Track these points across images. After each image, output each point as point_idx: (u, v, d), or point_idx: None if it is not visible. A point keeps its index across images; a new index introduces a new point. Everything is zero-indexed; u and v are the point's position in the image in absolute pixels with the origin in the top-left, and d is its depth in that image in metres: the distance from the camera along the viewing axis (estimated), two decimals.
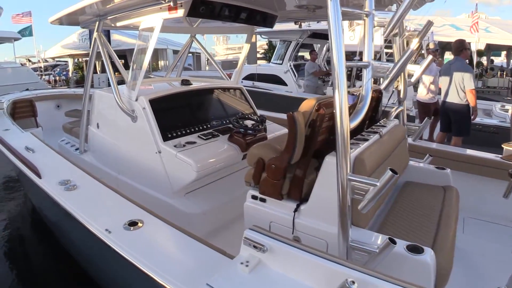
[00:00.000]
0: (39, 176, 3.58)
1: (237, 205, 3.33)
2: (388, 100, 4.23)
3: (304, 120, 2.69)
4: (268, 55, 28.15)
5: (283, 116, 4.18)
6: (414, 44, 3.00)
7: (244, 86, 5.51)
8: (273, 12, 4.46)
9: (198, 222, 3.72)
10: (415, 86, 14.26)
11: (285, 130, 4.63)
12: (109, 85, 4.35)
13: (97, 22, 4.60)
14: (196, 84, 4.89)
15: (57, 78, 29.58)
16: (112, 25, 4.99)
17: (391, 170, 1.97)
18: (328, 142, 2.91)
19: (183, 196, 3.88)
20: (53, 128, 7.25)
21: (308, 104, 2.78)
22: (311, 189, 2.72)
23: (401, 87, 4.10)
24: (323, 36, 12.79)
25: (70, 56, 29.62)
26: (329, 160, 2.57)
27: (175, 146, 3.78)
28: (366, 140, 3.05)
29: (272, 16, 4.51)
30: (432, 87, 8.18)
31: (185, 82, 4.82)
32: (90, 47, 5.11)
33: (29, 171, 3.78)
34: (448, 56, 23.13)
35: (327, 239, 2.58)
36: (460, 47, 6.93)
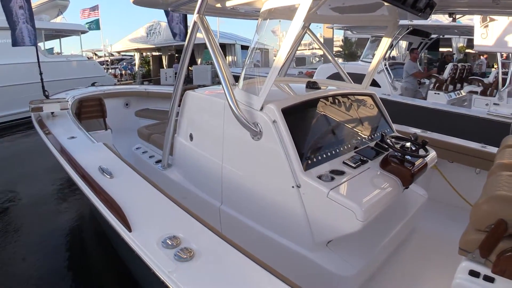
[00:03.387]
0: (128, 227, 2.37)
1: (388, 251, 3.03)
2: None
3: None
4: (344, 52, 26.80)
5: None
6: None
7: None
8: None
9: (349, 286, 2.74)
10: None
11: (433, 153, 3.59)
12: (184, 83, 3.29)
13: (200, 0, 3.45)
14: (326, 89, 3.85)
15: (123, 72, 29.80)
16: (218, 5, 3.94)
17: None
18: None
19: (326, 247, 2.86)
20: (122, 129, 6.47)
21: None
22: None
23: None
24: (423, 33, 11.46)
25: (137, 50, 29.92)
26: None
27: (320, 177, 2.74)
28: None
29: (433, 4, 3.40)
30: None
31: (312, 85, 3.76)
32: (186, 36, 4.02)
33: (112, 216, 2.56)
34: None
35: None
36: None
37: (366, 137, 3.59)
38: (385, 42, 4.15)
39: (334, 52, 26.78)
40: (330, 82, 4.61)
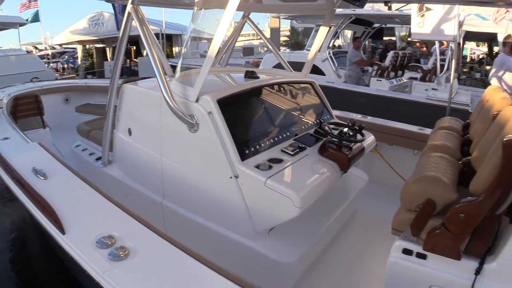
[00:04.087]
0: (61, 229, 2.30)
1: (331, 235, 3.10)
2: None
3: None
4: (291, 42, 26.98)
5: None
6: None
7: None
8: None
9: (292, 272, 2.80)
10: (460, 78, 13.45)
11: (371, 137, 3.70)
12: (125, 75, 3.20)
13: None
14: (265, 78, 3.86)
15: (66, 65, 28.71)
16: None
17: None
18: None
19: (268, 235, 2.88)
20: (62, 126, 6.16)
21: None
22: (495, 241, 2.17)
23: None
24: (366, 22, 11.72)
25: (79, 42, 28.76)
26: None
27: (257, 167, 2.75)
28: None
29: None
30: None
31: (251, 75, 3.77)
32: (118, 27, 3.90)
33: (45, 219, 2.47)
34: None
35: None
36: None
37: (306, 124, 3.64)
38: (323, 31, 4.21)
39: (281, 42, 26.92)
40: (270, 71, 4.64)
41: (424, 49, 15.37)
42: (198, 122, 2.93)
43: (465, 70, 16.44)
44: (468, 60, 22.32)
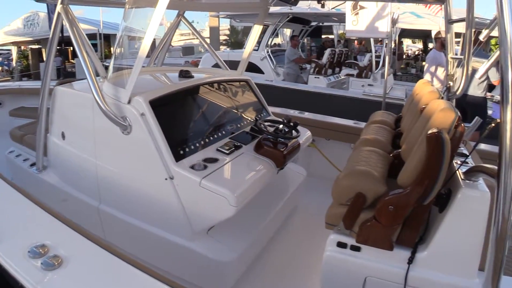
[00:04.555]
0: None
1: (271, 231, 3.11)
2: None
3: None
4: (230, 41, 27.01)
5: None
6: None
7: None
8: None
9: (232, 270, 2.80)
10: (396, 74, 13.96)
11: (307, 133, 3.74)
12: (61, 77, 3.06)
13: None
14: (199, 77, 3.81)
15: (0, 68, 27.38)
16: None
17: None
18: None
19: (206, 235, 2.84)
20: None
21: (446, 117, 2.18)
22: (426, 231, 2.26)
23: (461, 82, 3.52)
24: (303, 21, 11.92)
25: (14, 43, 27.47)
26: (470, 194, 2.08)
27: (192, 167, 2.70)
28: None
29: None
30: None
31: (185, 74, 3.70)
32: (50, 27, 3.76)
33: None
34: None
35: None
36: None
37: (242, 122, 3.63)
38: (257, 29, 4.22)
39: (221, 41, 26.91)
40: (205, 70, 4.60)
41: (358, 45, 15.81)
42: (131, 124, 2.83)
43: (401, 66, 17.08)
44: (404, 56, 23.24)
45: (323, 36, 18.18)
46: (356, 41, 16.64)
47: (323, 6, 4.68)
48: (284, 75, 11.10)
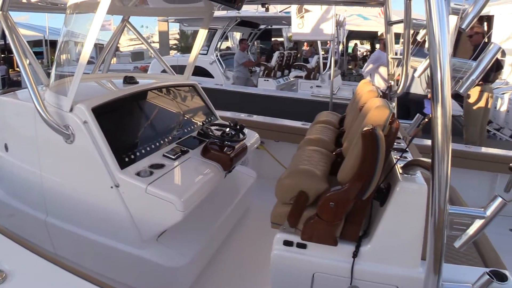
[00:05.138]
0: None
1: (223, 235, 3.13)
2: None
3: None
4: (181, 45, 26.81)
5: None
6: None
7: None
8: None
9: (185, 275, 2.79)
10: (344, 75, 14.28)
11: (255, 135, 3.79)
12: (6, 86, 2.97)
13: None
14: (144, 83, 3.78)
15: None
16: (24, 0, 3.64)
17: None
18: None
19: (156, 242, 2.82)
20: None
21: (381, 114, 2.26)
22: (369, 225, 2.32)
23: (400, 80, 3.74)
24: (252, 24, 12.00)
25: None
26: (408, 187, 2.16)
27: (138, 174, 2.68)
28: None
29: None
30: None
31: (129, 80, 3.66)
32: None
33: None
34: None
35: (398, 284, 2.22)
36: None
37: (189, 127, 3.63)
38: (202, 33, 4.22)
39: (171, 45, 26.64)
40: (150, 76, 4.56)
41: (307, 47, 16.05)
42: (73, 132, 2.77)
43: (350, 66, 17.48)
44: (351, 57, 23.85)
45: (272, 39, 18.32)
46: (306, 43, 16.88)
47: (267, 9, 4.76)
48: (234, 79, 11.14)
